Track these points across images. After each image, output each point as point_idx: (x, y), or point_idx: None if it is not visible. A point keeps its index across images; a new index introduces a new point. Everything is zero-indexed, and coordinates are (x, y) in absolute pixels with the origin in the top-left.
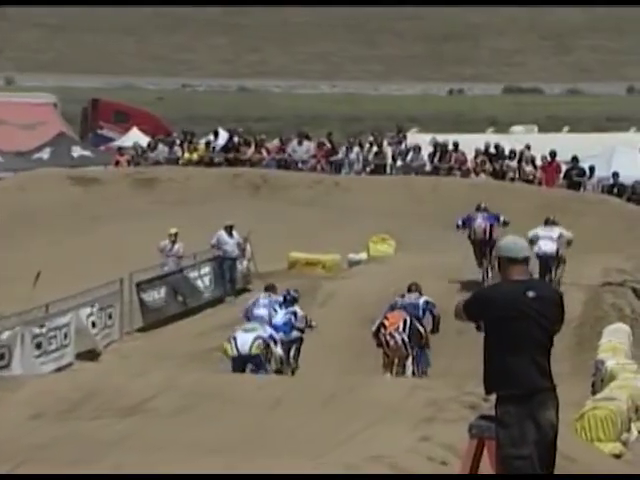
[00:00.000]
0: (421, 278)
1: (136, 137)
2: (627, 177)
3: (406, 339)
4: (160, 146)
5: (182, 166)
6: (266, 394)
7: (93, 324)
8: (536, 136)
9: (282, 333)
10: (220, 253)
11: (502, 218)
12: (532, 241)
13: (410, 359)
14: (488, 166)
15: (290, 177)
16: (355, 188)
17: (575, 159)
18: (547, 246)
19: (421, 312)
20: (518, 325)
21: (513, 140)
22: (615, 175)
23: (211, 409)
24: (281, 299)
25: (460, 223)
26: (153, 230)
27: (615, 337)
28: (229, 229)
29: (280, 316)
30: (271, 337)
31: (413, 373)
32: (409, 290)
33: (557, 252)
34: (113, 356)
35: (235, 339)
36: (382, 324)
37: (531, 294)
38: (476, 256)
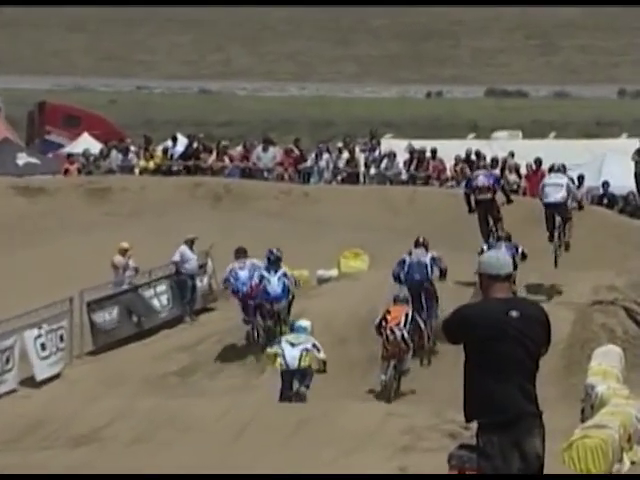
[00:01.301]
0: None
1: (87, 143)
2: (618, 187)
3: (406, 335)
4: (113, 153)
5: (137, 175)
6: (230, 420)
7: (42, 346)
8: (520, 142)
9: (283, 300)
10: (182, 270)
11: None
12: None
13: (410, 354)
14: (469, 175)
15: (255, 187)
16: (325, 198)
17: (562, 167)
18: (554, 195)
19: (429, 269)
20: (500, 347)
21: (496, 147)
22: (605, 185)
23: (169, 438)
24: (260, 263)
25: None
26: (105, 245)
27: (606, 360)
28: (191, 243)
29: (275, 284)
30: (314, 346)
31: (424, 324)
32: (416, 245)
33: (566, 202)
34: (62, 382)
35: (283, 352)
36: (384, 318)
37: (514, 313)
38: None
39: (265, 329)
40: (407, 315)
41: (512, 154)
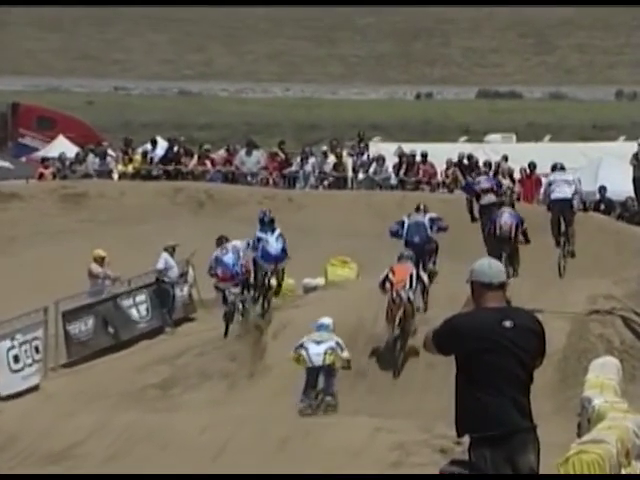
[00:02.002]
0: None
1: (62, 146)
2: (615, 192)
3: (412, 296)
4: (90, 157)
5: (115, 180)
6: (211, 437)
7: (15, 359)
8: (514, 146)
9: (285, 259)
10: (165, 278)
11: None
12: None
13: (415, 319)
14: (460, 179)
15: (238, 192)
16: (311, 204)
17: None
18: (563, 191)
19: (429, 228)
20: (493, 358)
21: (488, 150)
22: (602, 190)
23: (147, 455)
24: (240, 244)
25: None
26: (81, 253)
27: (603, 372)
28: (172, 250)
29: (274, 243)
30: (338, 344)
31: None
32: (417, 210)
33: (572, 199)
34: (36, 395)
35: (307, 351)
36: (388, 279)
37: (508, 324)
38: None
39: (243, 301)
40: (412, 276)
41: (505, 158)
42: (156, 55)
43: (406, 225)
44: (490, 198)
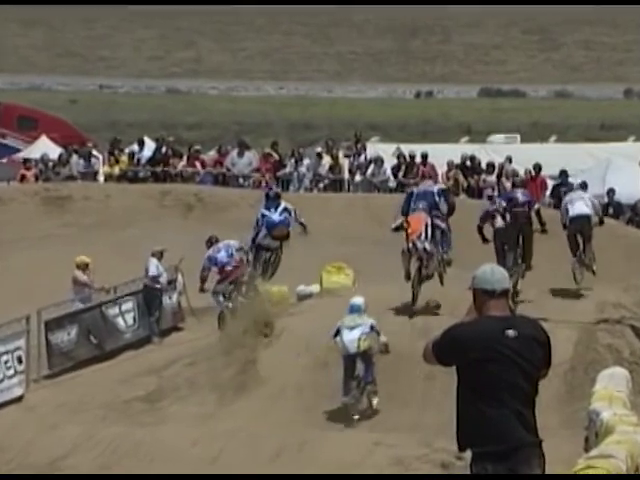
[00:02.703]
0: (384, 314)
1: (45, 147)
2: (624, 195)
3: (428, 247)
4: (74, 158)
5: (101, 182)
6: (201, 451)
7: None
8: (518, 147)
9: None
10: (157, 285)
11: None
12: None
13: (434, 260)
14: (462, 182)
15: (229, 195)
16: (306, 207)
17: (564, 174)
18: (581, 208)
19: (437, 197)
20: (496, 369)
21: (491, 151)
22: (611, 193)
23: (133, 469)
24: (233, 243)
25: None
26: (65, 258)
27: (612, 383)
28: (160, 256)
29: (277, 217)
30: (372, 328)
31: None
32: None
33: (591, 216)
34: (17, 407)
35: (342, 337)
36: (402, 228)
37: (511, 333)
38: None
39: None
40: (427, 225)
41: (509, 159)
42: (143, 52)
43: (414, 194)
44: (523, 209)
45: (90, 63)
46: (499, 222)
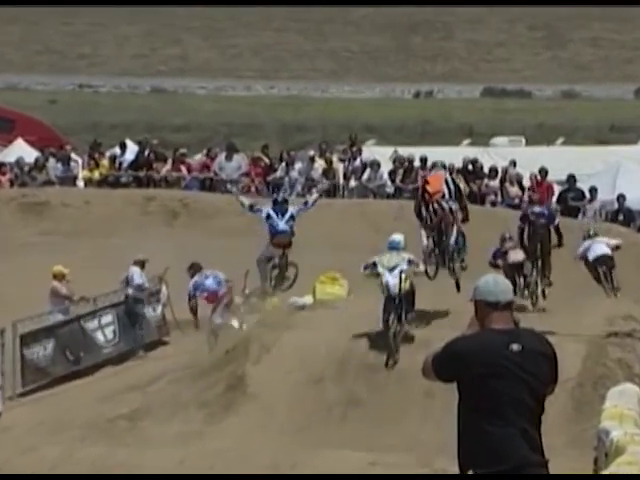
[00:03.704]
0: (380, 326)
1: (21, 150)
2: (635, 201)
3: (453, 206)
4: (52, 162)
5: (80, 187)
6: (187, 470)
7: None
8: (523, 150)
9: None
10: (140, 296)
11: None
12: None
13: (456, 227)
14: (464, 187)
15: (216, 201)
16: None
17: (572, 178)
18: (601, 249)
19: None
20: (500, 385)
21: (494, 154)
22: (621, 198)
23: None
24: (221, 274)
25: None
26: (42, 268)
27: (622, 401)
28: (142, 265)
29: (283, 225)
30: (410, 262)
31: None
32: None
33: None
34: None
35: (384, 279)
36: (424, 189)
37: (515, 347)
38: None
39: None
40: (447, 182)
41: (514, 163)
42: (126, 49)
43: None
44: (518, 256)
45: (70, 61)
46: (512, 257)
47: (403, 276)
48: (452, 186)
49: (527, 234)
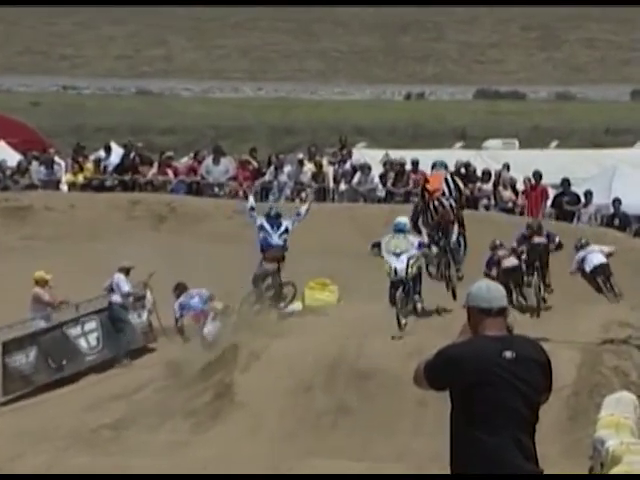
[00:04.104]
0: (371, 334)
1: (4, 153)
2: (632, 205)
3: (453, 203)
4: (34, 165)
5: (64, 191)
6: None
7: None
8: (517, 153)
9: (284, 251)
10: (125, 303)
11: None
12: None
13: (456, 225)
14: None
15: (204, 205)
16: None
17: (566, 182)
18: (598, 258)
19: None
20: (493, 394)
21: (487, 158)
22: (617, 202)
23: None
24: (206, 292)
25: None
26: (25, 274)
27: (618, 409)
28: (127, 272)
29: (276, 239)
30: (420, 245)
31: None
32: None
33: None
34: None
35: (390, 264)
36: (424, 188)
37: (509, 354)
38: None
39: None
40: (447, 181)
41: (507, 167)
42: (110, 49)
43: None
44: (512, 261)
45: (52, 62)
46: (506, 263)
47: (411, 262)
48: (452, 185)
49: (526, 252)
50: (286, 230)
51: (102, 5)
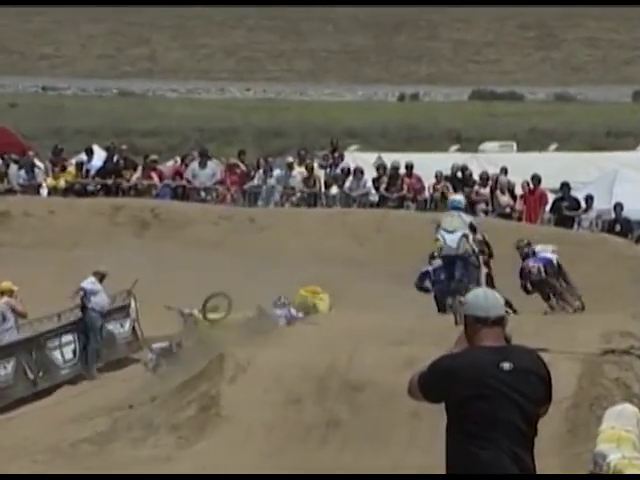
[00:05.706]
0: (364, 344)
1: None
2: (633, 210)
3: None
4: (13, 169)
5: (44, 196)
6: None
7: None
8: (514, 156)
9: None
10: (89, 305)
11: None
12: None
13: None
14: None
15: (189, 210)
16: (276, 225)
17: (566, 186)
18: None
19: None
20: (489, 406)
21: (484, 161)
22: (618, 207)
23: None
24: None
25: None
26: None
27: (620, 422)
28: (101, 278)
29: None
30: (472, 227)
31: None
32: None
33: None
34: None
35: (443, 240)
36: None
37: (506, 366)
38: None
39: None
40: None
41: (504, 170)
42: (91, 49)
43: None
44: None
45: (30, 62)
46: (535, 276)
47: (464, 239)
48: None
49: (530, 286)
50: None
51: (80, 5)
